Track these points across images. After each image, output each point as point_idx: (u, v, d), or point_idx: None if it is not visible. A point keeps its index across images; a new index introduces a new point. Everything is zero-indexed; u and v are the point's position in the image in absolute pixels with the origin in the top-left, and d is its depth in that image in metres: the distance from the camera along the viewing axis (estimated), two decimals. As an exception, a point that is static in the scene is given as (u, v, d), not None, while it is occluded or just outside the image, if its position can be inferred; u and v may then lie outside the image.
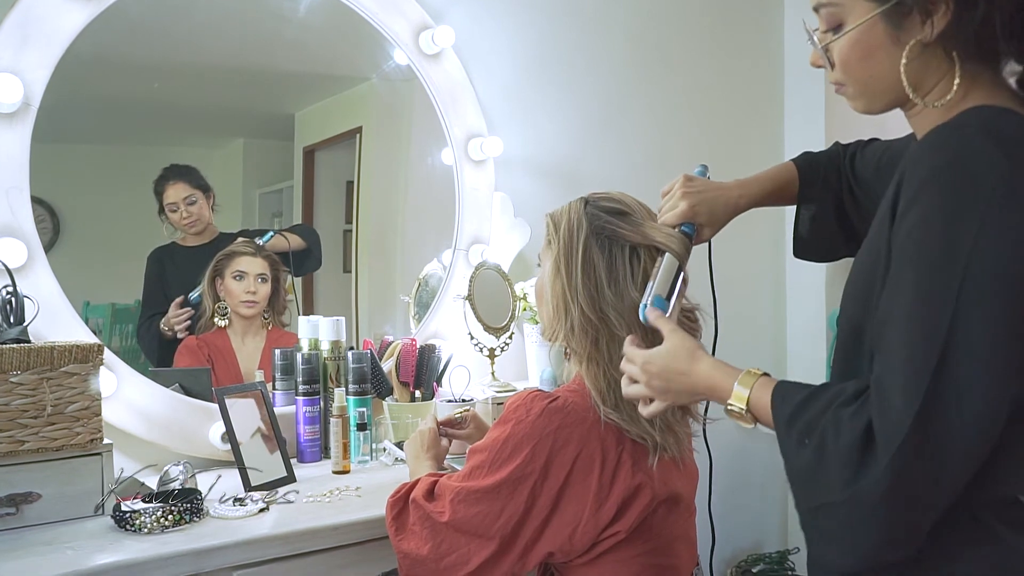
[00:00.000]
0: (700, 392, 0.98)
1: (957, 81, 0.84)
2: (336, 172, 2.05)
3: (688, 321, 1.15)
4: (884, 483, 0.74)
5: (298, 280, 1.98)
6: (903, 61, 0.84)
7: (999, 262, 0.73)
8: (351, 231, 2.05)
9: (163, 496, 1.30)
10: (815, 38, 0.92)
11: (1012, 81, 0.86)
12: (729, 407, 0.93)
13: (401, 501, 1.19)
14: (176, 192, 1.79)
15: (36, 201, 1.50)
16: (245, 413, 1.50)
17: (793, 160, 1.27)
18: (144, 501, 1.28)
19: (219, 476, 1.45)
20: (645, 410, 1.03)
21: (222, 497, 1.36)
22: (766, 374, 0.92)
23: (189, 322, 1.79)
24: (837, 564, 0.81)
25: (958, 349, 0.73)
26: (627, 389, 1.04)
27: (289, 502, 1.35)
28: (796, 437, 0.83)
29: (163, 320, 1.76)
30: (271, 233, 1.89)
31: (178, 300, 1.78)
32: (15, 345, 1.24)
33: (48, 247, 1.55)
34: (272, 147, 2.01)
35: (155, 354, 1.74)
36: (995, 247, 0.73)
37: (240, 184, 1.92)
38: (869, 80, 0.89)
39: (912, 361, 0.75)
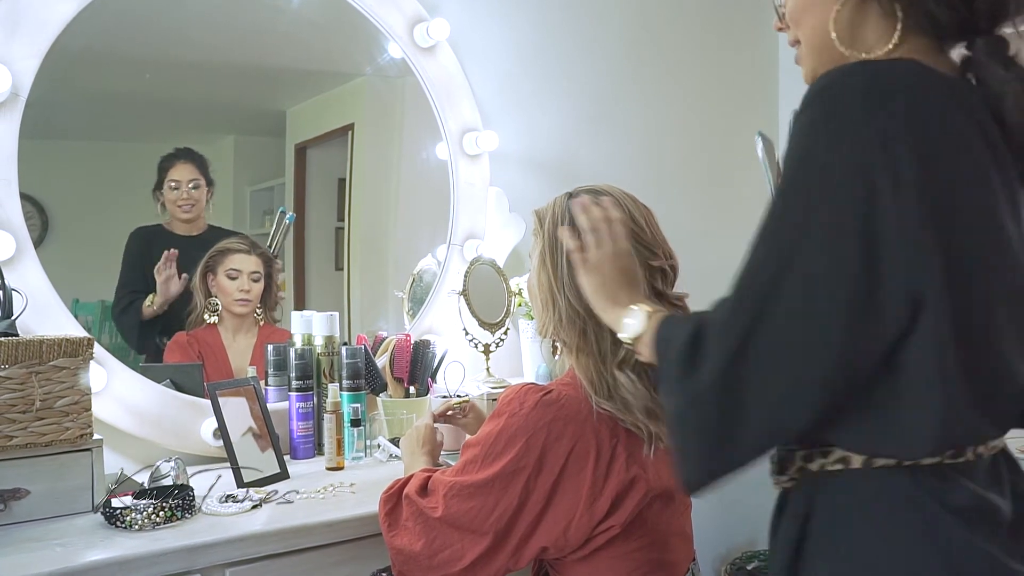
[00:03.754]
0: (620, 296, 1.00)
1: (898, 31, 0.82)
2: (328, 169, 2.03)
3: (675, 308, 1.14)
4: (700, 385, 0.76)
5: (290, 278, 1.96)
6: (836, 8, 0.84)
7: (834, 191, 0.73)
8: (343, 228, 2.04)
9: (154, 493, 1.28)
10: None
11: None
12: (631, 311, 0.95)
13: (394, 497, 1.18)
14: (183, 172, 1.78)
15: (24, 198, 1.48)
16: (236, 412, 1.49)
17: None
18: (135, 497, 1.26)
19: (219, 476, 1.44)
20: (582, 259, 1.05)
21: (210, 491, 1.34)
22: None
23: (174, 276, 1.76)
24: (684, 473, 0.82)
25: (793, 271, 0.73)
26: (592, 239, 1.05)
27: (288, 502, 1.33)
28: (661, 349, 0.87)
29: (161, 292, 1.73)
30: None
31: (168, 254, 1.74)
32: (3, 339, 1.22)
33: (37, 244, 1.53)
34: (263, 144, 1.99)
35: (134, 333, 1.71)
36: (833, 175, 0.73)
37: (231, 181, 1.90)
38: (810, 34, 0.88)
39: (754, 271, 0.76)
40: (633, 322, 0.94)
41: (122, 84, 1.75)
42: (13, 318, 1.31)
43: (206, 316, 1.80)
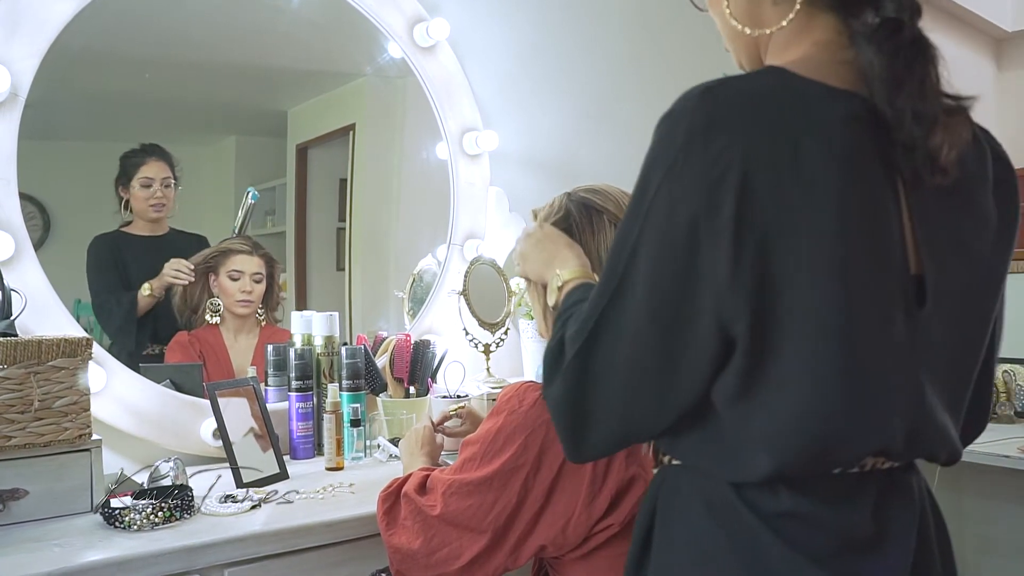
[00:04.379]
0: (547, 270, 1.06)
1: (798, 6, 0.80)
2: (329, 169, 2.03)
3: None
4: (555, 393, 0.80)
5: (291, 278, 1.96)
6: None
7: (659, 224, 0.73)
8: (344, 229, 2.04)
9: (153, 493, 1.28)
10: None
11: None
12: (556, 275, 1.02)
13: (393, 495, 1.18)
14: (157, 169, 1.74)
15: (26, 198, 1.48)
16: (238, 413, 1.49)
17: None
18: (134, 498, 1.26)
19: (219, 476, 1.43)
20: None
21: (209, 491, 1.34)
22: None
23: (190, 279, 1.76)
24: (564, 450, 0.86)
25: (623, 297, 0.76)
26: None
27: (287, 502, 1.33)
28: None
29: (159, 277, 1.72)
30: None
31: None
32: (1, 339, 1.22)
33: (38, 244, 1.53)
34: (265, 144, 1.99)
35: (130, 331, 1.68)
36: (660, 208, 0.73)
37: (232, 182, 1.90)
38: (719, 21, 0.88)
39: (597, 293, 0.78)
40: (552, 293, 1.01)
41: (123, 84, 1.75)
42: (12, 318, 1.31)
43: (208, 316, 1.79)
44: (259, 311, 1.85)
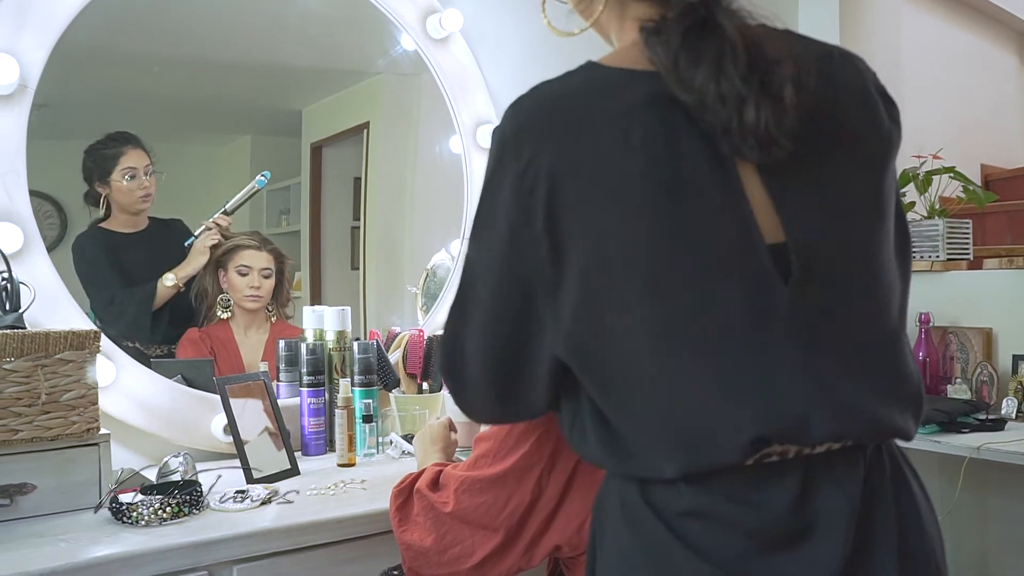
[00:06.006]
0: None
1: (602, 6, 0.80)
2: (343, 168, 2.03)
3: None
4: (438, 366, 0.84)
5: (305, 277, 1.95)
6: None
7: (490, 246, 0.74)
8: (359, 228, 2.02)
9: (162, 488, 1.26)
10: None
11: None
12: None
13: (405, 491, 1.15)
14: (137, 158, 1.66)
15: (43, 197, 1.48)
16: (252, 413, 1.48)
17: None
18: (142, 493, 1.24)
19: (219, 476, 1.41)
20: None
21: (212, 487, 1.32)
22: None
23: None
24: None
25: (467, 324, 0.79)
26: None
27: (294, 501, 1.31)
28: None
29: (183, 264, 1.70)
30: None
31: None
32: (8, 331, 1.21)
33: (56, 243, 1.53)
34: (279, 143, 1.98)
35: (144, 319, 1.65)
36: (486, 229, 0.75)
37: (248, 181, 1.89)
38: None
39: (446, 325, 0.82)
40: None
41: (135, 82, 1.74)
42: (20, 311, 1.30)
43: (218, 312, 1.78)
44: (269, 307, 1.84)
